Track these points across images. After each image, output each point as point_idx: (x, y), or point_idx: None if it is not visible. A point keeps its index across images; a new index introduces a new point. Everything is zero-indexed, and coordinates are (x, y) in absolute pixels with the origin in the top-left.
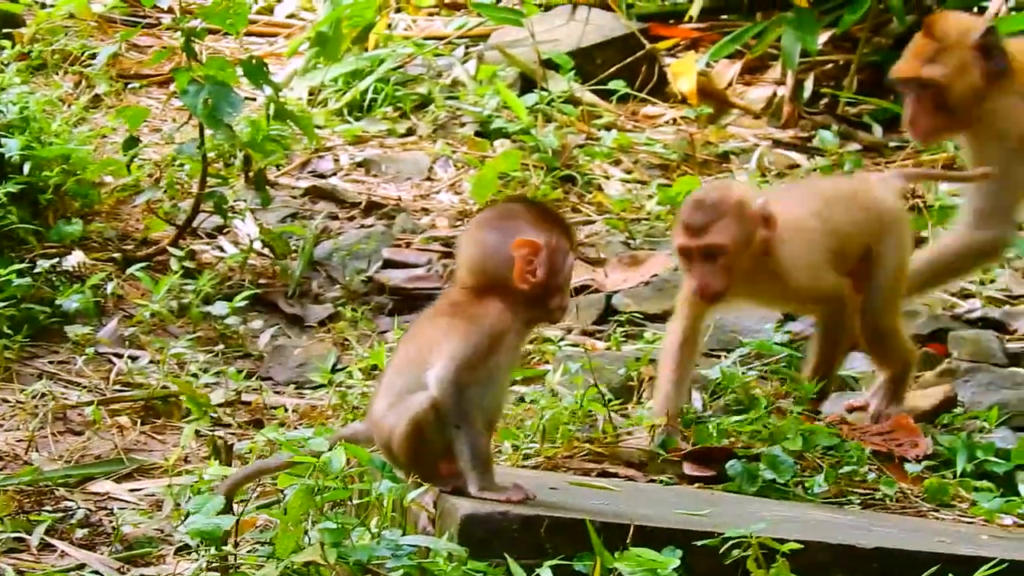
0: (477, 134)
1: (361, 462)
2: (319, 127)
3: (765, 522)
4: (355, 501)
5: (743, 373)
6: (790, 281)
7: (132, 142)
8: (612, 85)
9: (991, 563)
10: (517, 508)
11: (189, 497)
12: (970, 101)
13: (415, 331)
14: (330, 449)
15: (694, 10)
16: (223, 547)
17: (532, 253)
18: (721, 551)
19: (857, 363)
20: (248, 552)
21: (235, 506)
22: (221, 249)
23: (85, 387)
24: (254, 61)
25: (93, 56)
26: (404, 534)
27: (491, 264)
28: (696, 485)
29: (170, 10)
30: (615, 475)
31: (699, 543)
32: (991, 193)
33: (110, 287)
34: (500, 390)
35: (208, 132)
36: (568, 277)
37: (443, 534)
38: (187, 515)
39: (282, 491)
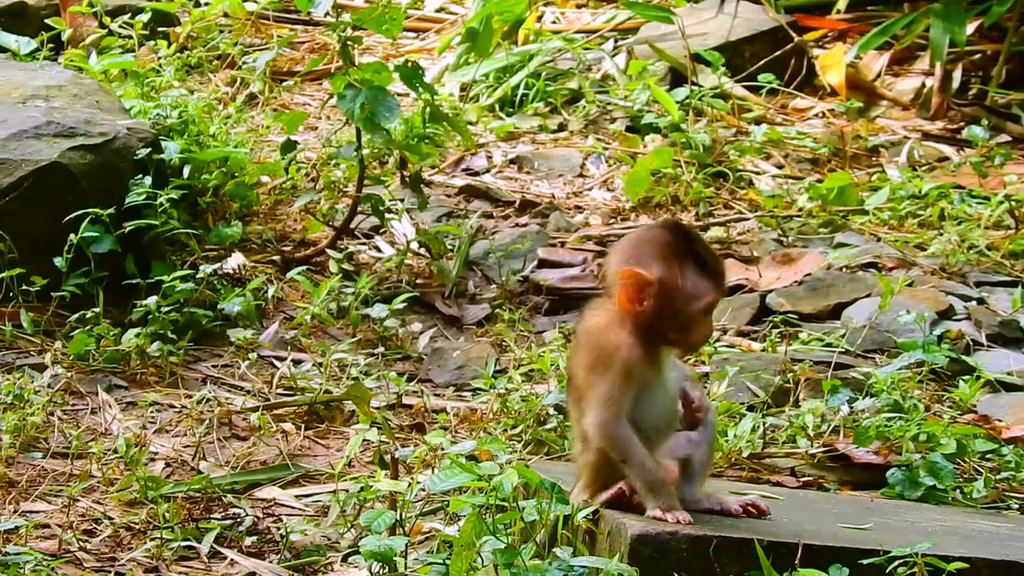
0: (628, 129)
1: (531, 483)
2: (471, 123)
3: (929, 540)
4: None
5: (898, 375)
6: None
7: (290, 145)
8: (761, 79)
9: None
10: (686, 528)
11: (355, 504)
12: None
13: (572, 358)
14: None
15: (841, 2)
16: (395, 569)
17: (637, 284)
18: (888, 570)
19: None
20: (416, 562)
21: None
22: (378, 250)
23: (249, 392)
24: (409, 64)
25: (247, 54)
26: (574, 554)
27: (608, 283)
28: (856, 492)
29: (326, 15)
30: (768, 482)
31: (865, 561)
32: None
33: (271, 290)
34: (654, 404)
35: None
36: (694, 322)
37: (613, 554)
38: (360, 533)
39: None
